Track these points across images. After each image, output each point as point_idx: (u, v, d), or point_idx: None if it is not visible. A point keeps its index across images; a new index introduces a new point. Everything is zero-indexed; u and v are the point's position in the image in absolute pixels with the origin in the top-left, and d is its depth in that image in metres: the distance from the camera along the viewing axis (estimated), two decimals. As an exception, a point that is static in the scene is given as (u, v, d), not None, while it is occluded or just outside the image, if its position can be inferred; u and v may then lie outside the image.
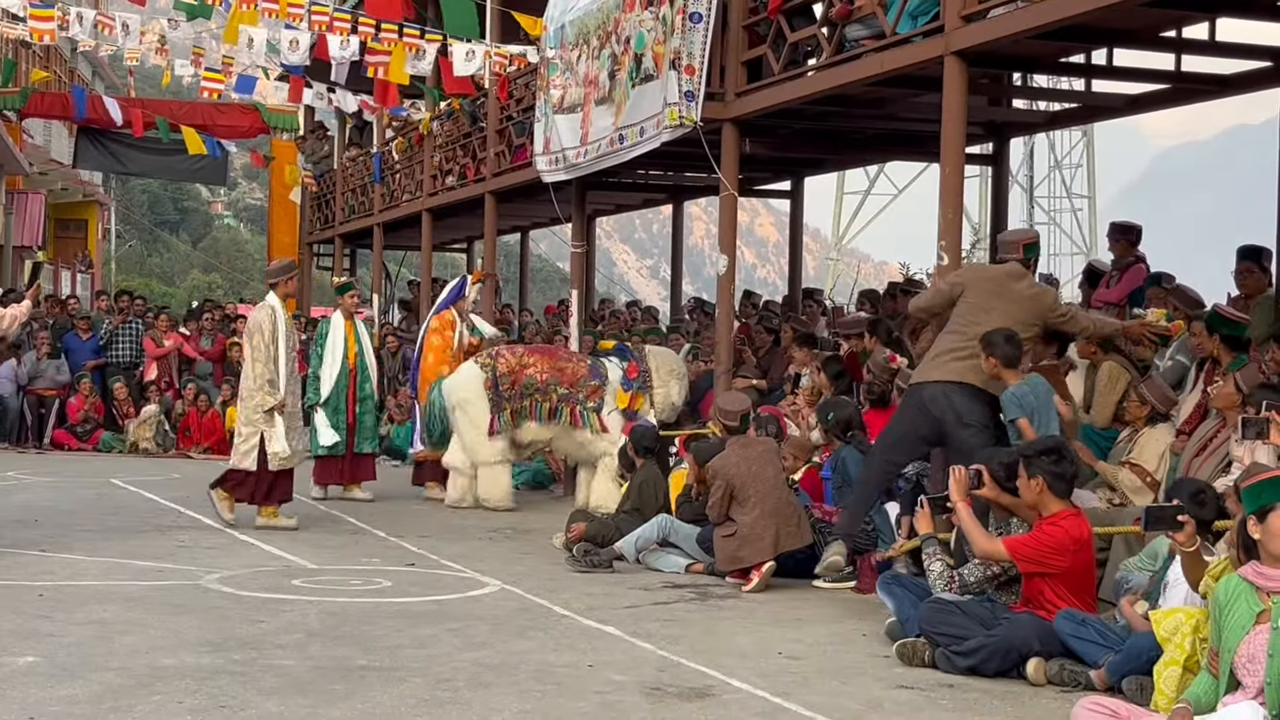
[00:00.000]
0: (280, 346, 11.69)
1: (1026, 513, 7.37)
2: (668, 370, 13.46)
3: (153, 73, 26.75)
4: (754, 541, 9.37)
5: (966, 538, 7.38)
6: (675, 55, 12.09)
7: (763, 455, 9.69)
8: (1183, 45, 11.71)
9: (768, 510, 9.39)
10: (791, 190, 18.95)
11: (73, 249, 38.07)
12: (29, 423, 19.29)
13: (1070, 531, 7.04)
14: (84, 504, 13.10)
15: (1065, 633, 6.81)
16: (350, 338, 13.87)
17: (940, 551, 7.54)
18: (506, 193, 17.97)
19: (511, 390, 13.08)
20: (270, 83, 23.96)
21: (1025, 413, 8.20)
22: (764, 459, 9.66)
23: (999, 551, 7.18)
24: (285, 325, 11.82)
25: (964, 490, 7.45)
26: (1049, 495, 7.11)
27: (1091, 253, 54.13)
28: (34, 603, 8.17)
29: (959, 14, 9.40)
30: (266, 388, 11.63)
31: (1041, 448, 7.25)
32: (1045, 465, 7.08)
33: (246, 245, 72.04)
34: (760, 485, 9.45)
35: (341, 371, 13.73)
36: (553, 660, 7.06)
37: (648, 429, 11.92)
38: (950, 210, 9.67)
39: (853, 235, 66.22)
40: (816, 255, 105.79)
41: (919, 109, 12.86)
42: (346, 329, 13.88)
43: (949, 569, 7.44)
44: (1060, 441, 7.43)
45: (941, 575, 7.42)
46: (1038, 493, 7.13)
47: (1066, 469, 7.15)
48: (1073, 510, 7.18)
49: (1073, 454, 7.37)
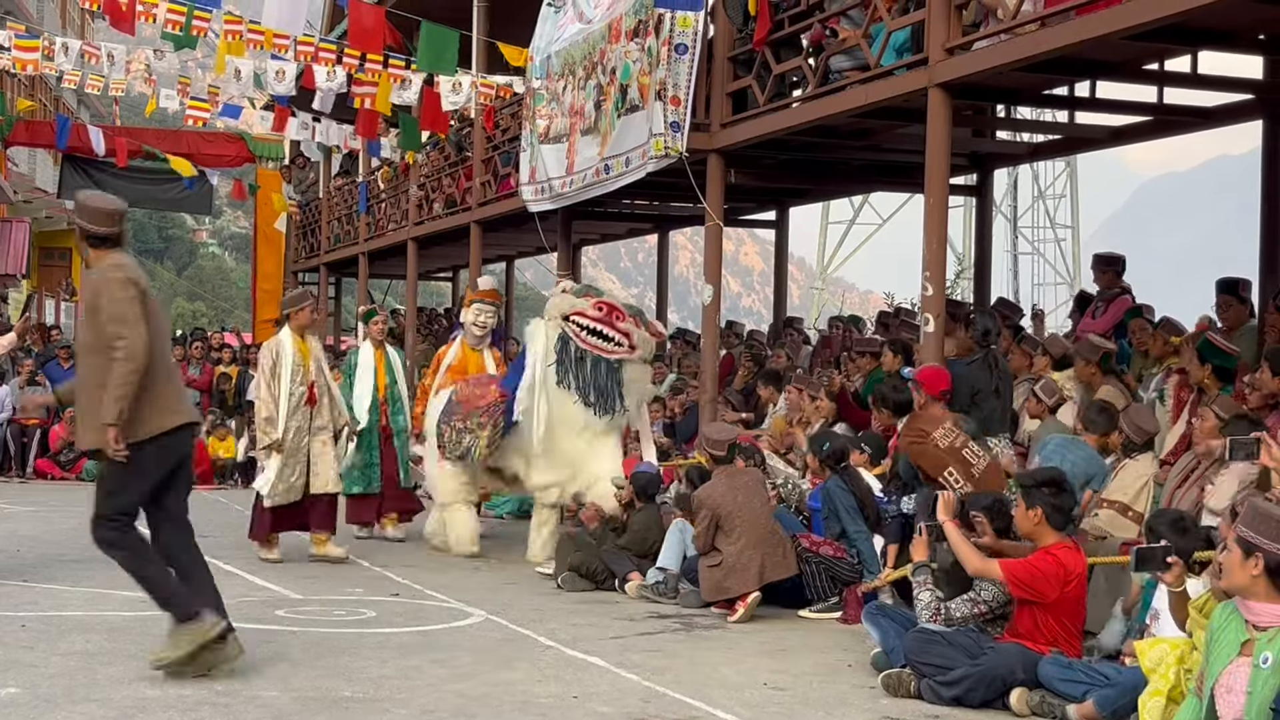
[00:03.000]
0: (282, 383, 11.39)
1: (1020, 553, 7.35)
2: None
3: (138, 101, 26.73)
4: (739, 571, 9.35)
5: (958, 557, 7.36)
6: (661, 86, 12.14)
7: (749, 485, 9.68)
8: (1165, 78, 11.80)
9: (753, 540, 9.37)
10: (776, 220, 19.03)
11: (57, 277, 37.97)
12: (11, 452, 19.22)
13: (1065, 563, 7.02)
14: (67, 534, 13.00)
15: (1052, 677, 6.78)
16: (380, 367, 13.15)
17: (930, 581, 7.54)
18: (492, 222, 18.00)
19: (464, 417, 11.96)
20: (256, 111, 23.98)
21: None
22: (750, 489, 9.65)
23: (993, 571, 7.16)
24: (293, 360, 11.46)
25: (952, 510, 7.47)
26: (1045, 527, 7.09)
27: (1075, 283, 54.30)
28: (16, 633, 8.12)
29: (943, 46, 9.46)
30: (263, 425, 11.46)
31: (1042, 479, 7.24)
32: (1044, 497, 7.07)
33: (231, 274, 72.04)
34: (746, 515, 9.44)
35: (372, 404, 13.02)
36: (538, 691, 7.03)
37: (650, 473, 11.24)
38: (935, 241, 9.71)
39: (837, 265, 66.28)
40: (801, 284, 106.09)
41: (903, 140, 12.93)
42: (376, 358, 13.17)
43: (937, 600, 7.44)
44: (1060, 474, 7.42)
45: (929, 605, 7.42)
46: (1035, 523, 7.11)
47: (1065, 501, 7.15)
48: (1070, 544, 7.16)
49: (1072, 487, 7.37)
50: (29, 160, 32.57)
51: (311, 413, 11.56)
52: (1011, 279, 57.21)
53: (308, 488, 11.52)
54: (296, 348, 11.57)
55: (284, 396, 11.39)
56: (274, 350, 11.56)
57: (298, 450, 11.47)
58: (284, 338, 11.61)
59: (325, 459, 11.58)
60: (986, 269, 16.24)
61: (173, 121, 34.93)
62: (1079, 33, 8.52)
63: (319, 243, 27.17)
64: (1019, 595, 7.09)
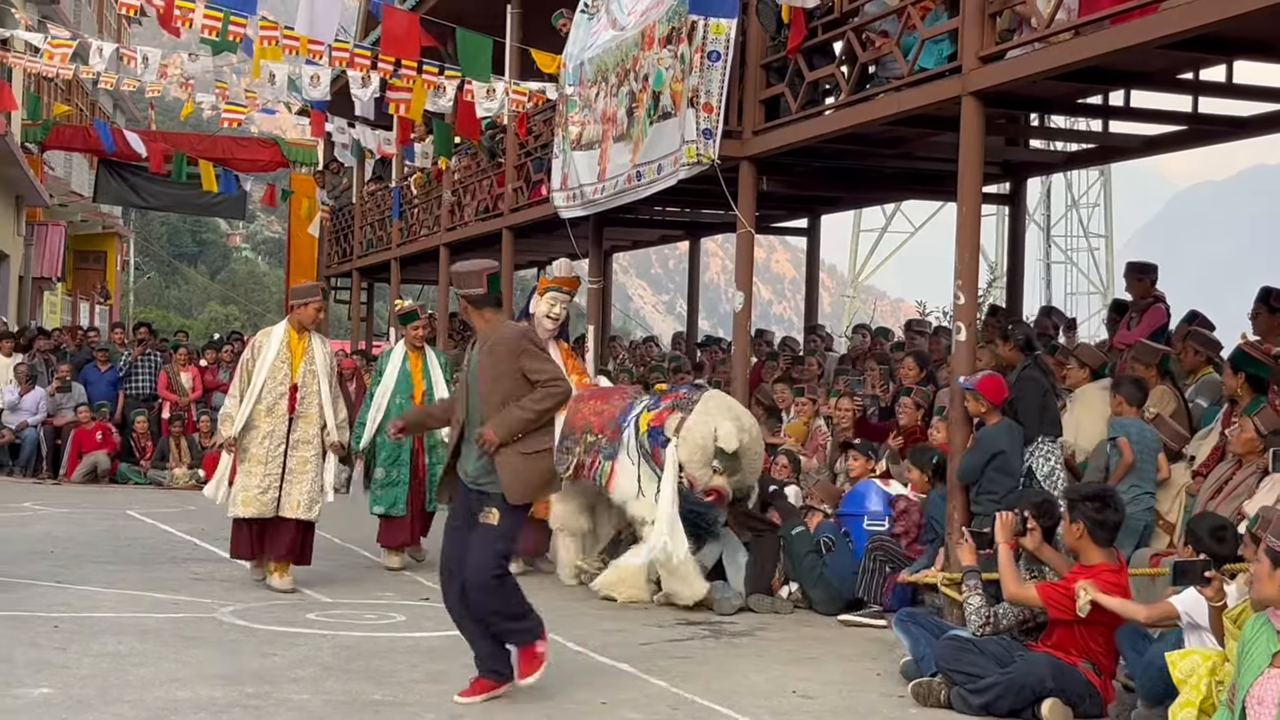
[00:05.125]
0: (258, 377, 10.12)
1: (1063, 568, 7.30)
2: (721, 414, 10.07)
3: (173, 105, 26.93)
4: None
5: (1000, 577, 7.30)
6: (693, 93, 12.14)
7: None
8: (1200, 87, 11.73)
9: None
10: (808, 227, 19.01)
11: (92, 280, 38.32)
12: (44, 453, 19.34)
13: (1105, 587, 6.88)
14: (99, 536, 13.11)
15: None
16: (417, 374, 11.73)
17: (979, 587, 7.48)
18: (524, 228, 18.03)
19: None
20: (291, 116, 24.08)
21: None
22: None
23: (1031, 597, 7.10)
24: (276, 356, 10.18)
25: (1009, 533, 7.36)
26: (1088, 542, 7.00)
27: (1109, 292, 54.05)
28: (49, 634, 8.18)
29: (976, 55, 9.44)
30: (220, 418, 10.48)
31: (1087, 493, 7.17)
32: (1088, 511, 6.98)
33: (264, 278, 72.37)
34: None
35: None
36: (565, 697, 7.04)
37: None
38: (967, 250, 9.68)
39: (869, 273, 66.21)
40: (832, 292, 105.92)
41: (936, 148, 12.89)
42: (412, 364, 11.75)
43: (987, 606, 7.38)
44: (1108, 490, 7.35)
45: (979, 611, 7.34)
46: (1077, 538, 7.03)
47: (1110, 517, 7.03)
48: (1114, 566, 7.04)
49: (1119, 502, 7.31)
50: (65, 164, 32.84)
51: (291, 422, 10.20)
52: (1044, 288, 57.06)
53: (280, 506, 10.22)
54: (287, 344, 10.27)
55: (250, 394, 10.12)
56: (258, 341, 10.40)
57: (267, 460, 10.14)
58: (276, 330, 10.44)
59: (301, 479, 10.18)
60: (1019, 278, 16.18)
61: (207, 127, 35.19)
62: (1113, 42, 8.49)
63: (351, 248, 27.26)
64: (1057, 617, 7.01)
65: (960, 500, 9.25)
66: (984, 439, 9.16)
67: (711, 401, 10.08)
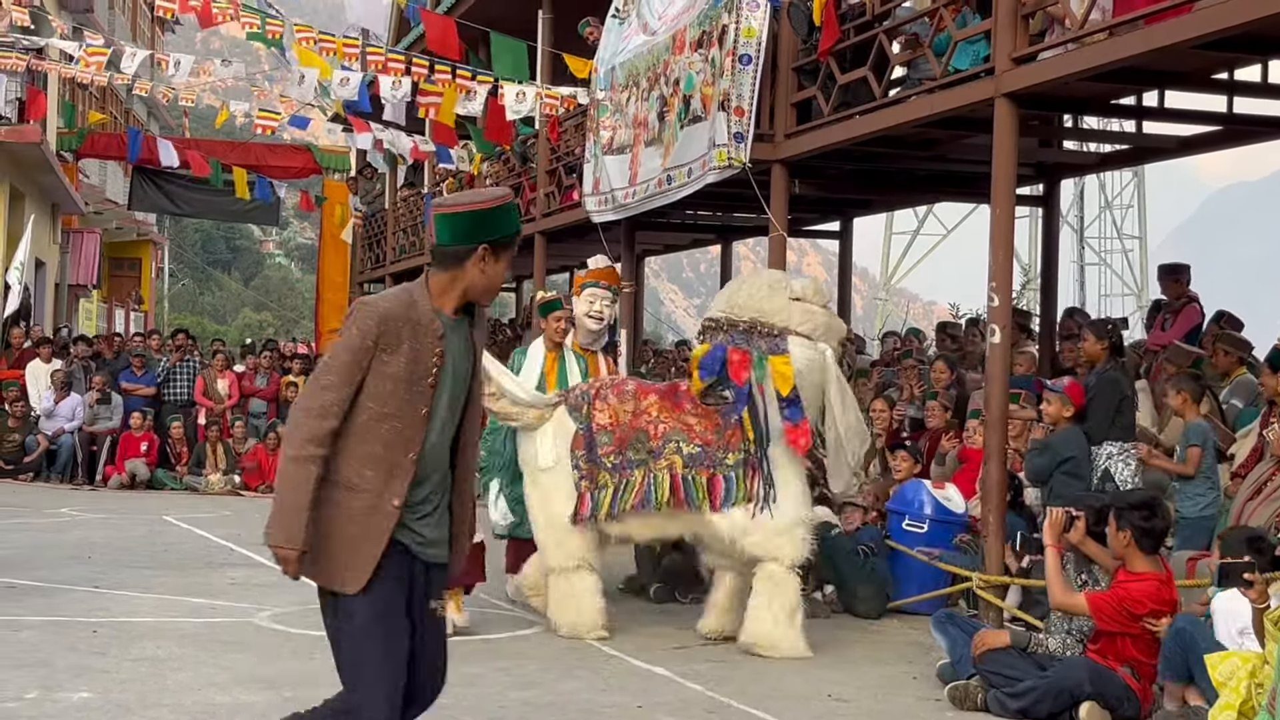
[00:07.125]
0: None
1: (1109, 563, 7.26)
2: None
3: (206, 113, 27.04)
4: None
5: (1048, 583, 7.23)
6: (724, 97, 12.14)
7: None
8: (1235, 87, 11.67)
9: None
10: (840, 230, 18.96)
11: (126, 287, 38.54)
12: (81, 460, 19.47)
13: (1153, 596, 6.84)
14: (137, 541, 13.19)
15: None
16: (552, 377, 9.73)
17: (1060, 626, 7.34)
18: (556, 232, 18.06)
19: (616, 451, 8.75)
20: (324, 122, 24.15)
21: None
22: None
23: (1079, 605, 7.04)
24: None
25: (1057, 534, 7.27)
26: (1135, 550, 6.92)
27: (1143, 294, 53.76)
28: (88, 639, 8.24)
29: (1009, 56, 9.41)
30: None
31: (1135, 500, 7.10)
32: (1135, 519, 6.90)
33: (298, 284, 72.63)
34: None
35: None
36: (601, 701, 7.05)
37: None
38: (1000, 252, 9.65)
39: (901, 275, 65.96)
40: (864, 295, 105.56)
41: (969, 150, 12.85)
42: (548, 364, 9.82)
43: (1064, 650, 7.25)
44: (1155, 497, 7.29)
45: (1055, 651, 7.24)
46: (1124, 545, 6.95)
47: (1157, 525, 6.95)
48: (1161, 575, 6.96)
49: (1165, 510, 7.23)
50: (100, 172, 33.06)
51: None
52: (1078, 290, 56.70)
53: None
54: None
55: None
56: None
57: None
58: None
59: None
60: (1053, 280, 16.12)
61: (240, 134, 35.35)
62: (1147, 42, 8.45)
63: (384, 253, 27.32)
64: (1105, 628, 6.95)
65: (997, 503, 9.20)
66: (1055, 444, 9.13)
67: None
